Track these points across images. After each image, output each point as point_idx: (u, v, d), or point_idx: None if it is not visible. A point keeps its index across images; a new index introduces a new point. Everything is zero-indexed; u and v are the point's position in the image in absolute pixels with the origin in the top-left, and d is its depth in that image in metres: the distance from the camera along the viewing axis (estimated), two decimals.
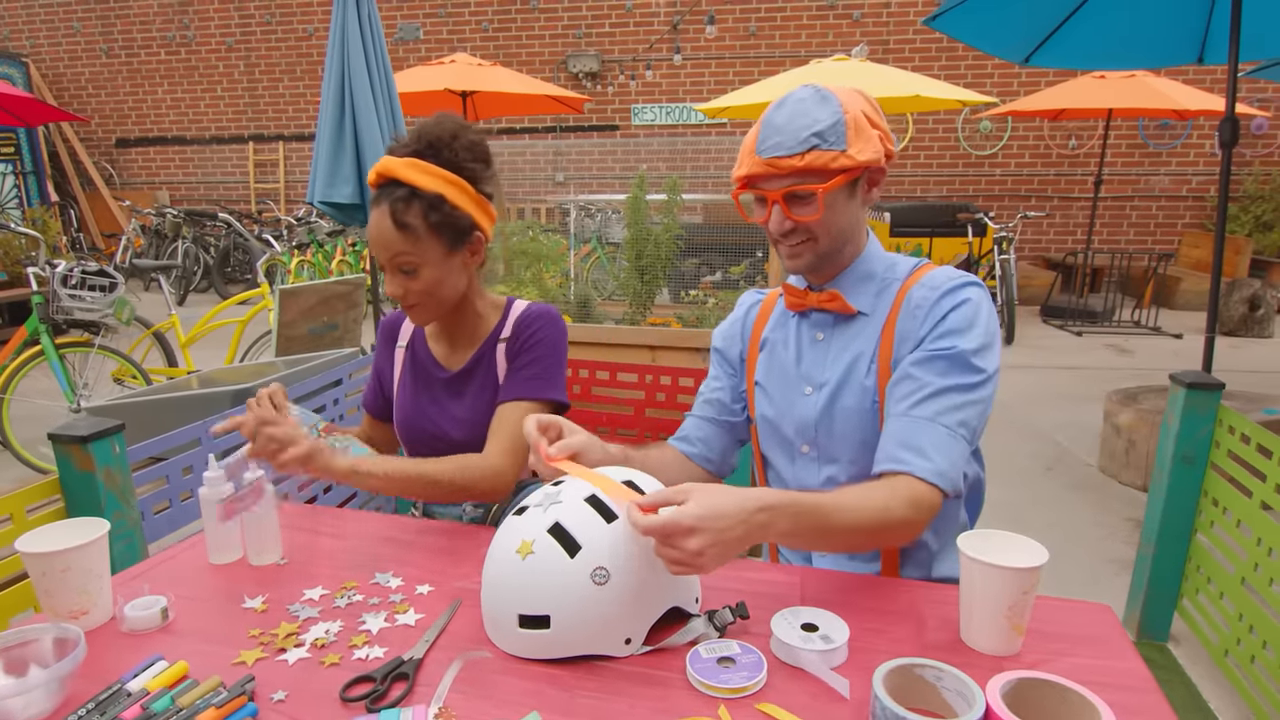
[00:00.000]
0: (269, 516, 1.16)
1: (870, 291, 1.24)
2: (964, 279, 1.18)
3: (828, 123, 1.11)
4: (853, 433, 1.22)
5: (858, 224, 1.22)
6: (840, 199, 1.17)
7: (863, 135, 1.13)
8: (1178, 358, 5.98)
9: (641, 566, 0.92)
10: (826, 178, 1.13)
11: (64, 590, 0.95)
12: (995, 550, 0.90)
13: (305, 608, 1.03)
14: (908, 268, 1.25)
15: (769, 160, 1.14)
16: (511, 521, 0.97)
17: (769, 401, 1.32)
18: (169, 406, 2.66)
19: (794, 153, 1.12)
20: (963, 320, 1.14)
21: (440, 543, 1.23)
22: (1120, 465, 3.70)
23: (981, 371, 1.13)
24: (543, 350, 1.41)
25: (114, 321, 3.96)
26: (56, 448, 1.65)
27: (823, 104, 1.13)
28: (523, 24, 9.60)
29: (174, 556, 1.20)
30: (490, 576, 0.96)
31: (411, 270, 1.31)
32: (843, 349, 1.24)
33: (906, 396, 1.14)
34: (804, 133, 1.11)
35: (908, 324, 1.18)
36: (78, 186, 10.51)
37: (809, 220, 1.16)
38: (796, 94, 1.15)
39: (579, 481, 0.98)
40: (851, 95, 1.17)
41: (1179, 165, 8.76)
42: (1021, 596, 0.88)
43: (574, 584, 0.90)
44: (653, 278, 3.11)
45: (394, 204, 1.27)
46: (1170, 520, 2.00)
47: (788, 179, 1.14)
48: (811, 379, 1.26)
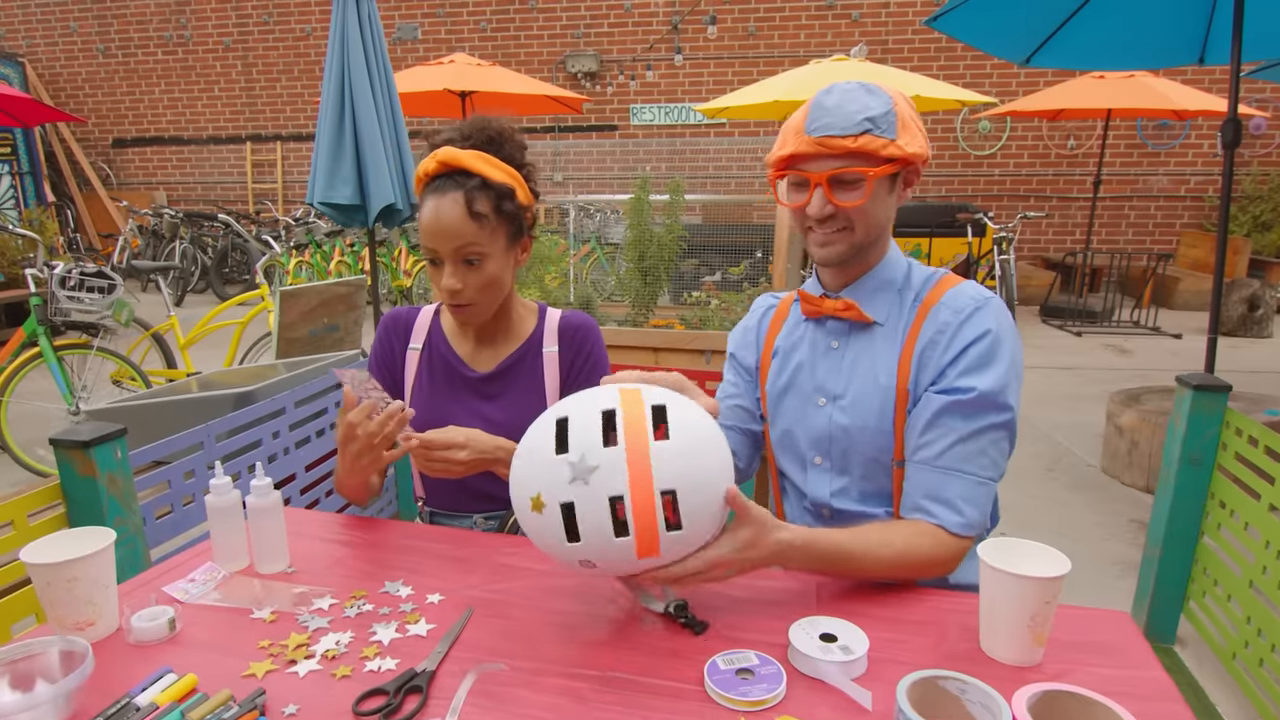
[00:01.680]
0: (275, 522, 1.14)
1: (887, 301, 1.22)
2: (984, 300, 1.16)
3: (880, 110, 1.11)
4: (866, 448, 1.20)
5: (889, 219, 1.20)
6: (883, 190, 1.16)
7: (909, 130, 1.13)
8: (1177, 358, 5.98)
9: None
10: (876, 163, 1.12)
11: (70, 602, 0.94)
12: (1016, 559, 0.89)
13: (315, 618, 1.01)
14: (926, 278, 1.23)
15: (820, 139, 1.12)
16: (546, 451, 0.92)
17: (782, 411, 1.30)
18: (169, 410, 2.64)
19: (848, 133, 1.11)
20: (984, 356, 1.12)
21: (450, 550, 1.22)
22: (1123, 466, 3.70)
23: (1007, 409, 1.12)
24: (603, 363, 1.47)
25: (113, 323, 3.94)
26: (58, 452, 1.63)
27: (873, 94, 1.13)
28: (521, 24, 9.59)
29: (181, 563, 1.18)
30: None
31: (477, 260, 1.29)
32: (857, 360, 1.22)
33: (931, 444, 1.13)
34: (858, 116, 1.10)
35: (930, 351, 1.16)
36: (75, 187, 10.48)
37: (852, 205, 1.14)
38: (843, 85, 1.15)
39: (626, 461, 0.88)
40: (896, 92, 1.16)
41: (1177, 165, 8.78)
42: (1044, 607, 0.87)
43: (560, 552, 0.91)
44: (655, 279, 3.09)
45: (468, 192, 1.26)
46: (1177, 523, 2.00)
47: (838, 160, 1.13)
48: (825, 390, 1.24)
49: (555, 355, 1.44)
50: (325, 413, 2.59)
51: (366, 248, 5.85)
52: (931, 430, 1.13)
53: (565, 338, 1.45)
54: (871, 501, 1.23)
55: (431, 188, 1.29)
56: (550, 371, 1.44)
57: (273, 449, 2.32)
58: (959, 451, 1.11)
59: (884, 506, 1.22)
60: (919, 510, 1.13)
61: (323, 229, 7.60)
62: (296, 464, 2.46)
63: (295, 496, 2.47)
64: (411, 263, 7.74)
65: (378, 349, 1.53)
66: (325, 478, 2.64)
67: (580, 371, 1.45)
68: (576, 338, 1.45)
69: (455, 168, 1.28)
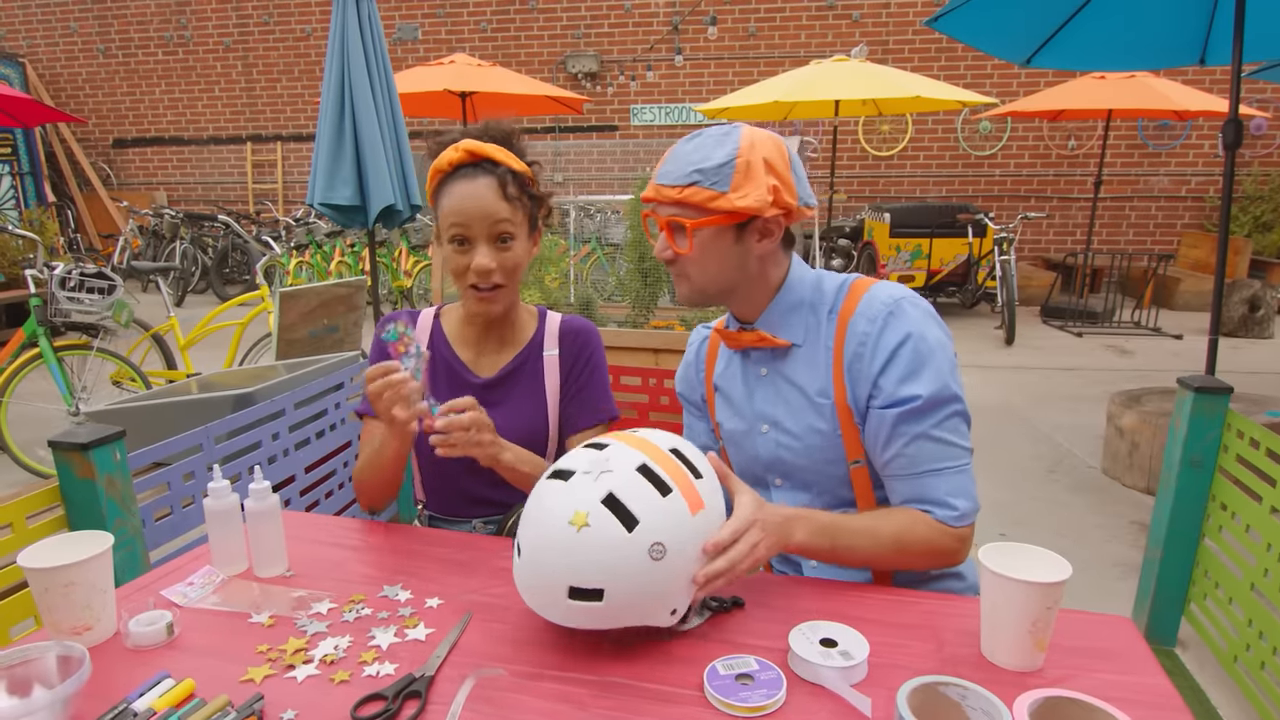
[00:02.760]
0: (274, 526, 1.14)
1: (800, 322, 1.23)
2: (895, 300, 1.16)
3: (715, 162, 1.12)
4: (817, 464, 1.22)
5: (747, 268, 1.19)
6: (716, 241, 1.16)
7: (751, 181, 1.12)
8: (1178, 358, 5.98)
9: (696, 540, 0.93)
10: (700, 215, 1.14)
11: (67, 606, 0.93)
12: (1017, 564, 0.88)
13: (313, 622, 1.01)
14: (836, 288, 1.23)
15: (656, 186, 1.17)
16: (555, 487, 0.94)
17: (734, 443, 1.33)
18: (169, 411, 2.64)
19: (675, 184, 1.14)
20: (913, 361, 1.13)
21: (448, 554, 1.21)
22: (1123, 467, 3.69)
23: (955, 399, 1.14)
24: (602, 369, 1.48)
25: (112, 324, 3.94)
26: (57, 455, 1.63)
27: (720, 144, 1.14)
28: (521, 24, 9.59)
29: (180, 566, 1.18)
30: (536, 544, 0.93)
31: (509, 239, 1.32)
32: (787, 384, 1.24)
33: (897, 456, 1.15)
34: (689, 167, 1.13)
35: (856, 364, 1.17)
36: (75, 187, 10.48)
37: (681, 253, 1.17)
38: (711, 129, 1.17)
39: (625, 448, 0.96)
40: (763, 142, 1.15)
41: (1178, 166, 8.78)
42: (1045, 612, 0.87)
43: (631, 559, 0.89)
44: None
45: (500, 176, 1.30)
46: (1178, 525, 1.99)
47: (669, 208, 1.16)
48: (765, 416, 1.26)
49: (556, 359, 1.45)
50: (325, 414, 2.59)
51: (366, 248, 5.84)
52: (894, 444, 1.15)
53: (566, 341, 1.46)
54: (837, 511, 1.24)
55: (459, 174, 1.31)
56: (550, 375, 1.44)
57: (272, 450, 2.32)
58: (927, 453, 1.13)
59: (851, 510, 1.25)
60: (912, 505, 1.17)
61: (323, 229, 7.60)
62: (296, 465, 2.46)
63: (295, 498, 2.46)
64: (412, 263, 7.74)
65: (377, 353, 1.51)
66: (325, 479, 2.63)
67: (580, 375, 1.45)
68: (577, 342, 1.46)
69: (482, 157, 1.31)
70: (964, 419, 1.16)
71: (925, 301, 1.18)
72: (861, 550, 1.12)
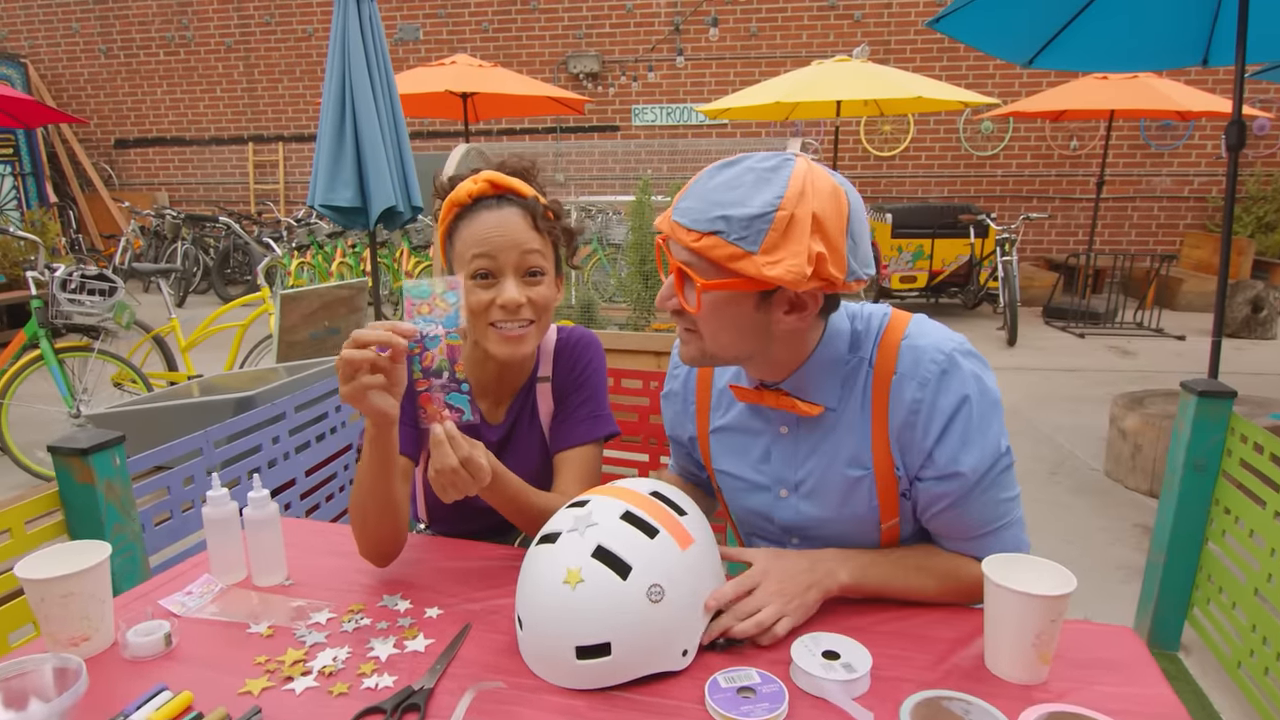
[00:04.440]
0: (273, 534, 1.14)
1: (835, 381, 1.05)
2: (947, 355, 1.00)
3: (748, 212, 0.90)
4: (846, 531, 1.10)
5: (771, 339, 1.00)
6: (732, 307, 0.96)
7: (790, 243, 0.90)
8: (1181, 359, 5.96)
9: (691, 576, 0.92)
10: (716, 273, 0.93)
11: (65, 617, 0.93)
12: (1020, 575, 0.88)
13: (312, 632, 1.00)
14: (874, 335, 1.05)
15: (672, 221, 0.96)
16: (544, 551, 0.93)
17: (741, 496, 1.18)
18: (169, 414, 2.64)
19: (694, 228, 0.92)
20: (969, 427, 1.00)
21: (448, 562, 1.21)
22: (1126, 470, 3.68)
23: (1006, 453, 1.04)
24: (595, 381, 1.35)
25: (114, 326, 3.94)
26: (56, 460, 1.62)
27: (760, 186, 0.91)
28: (523, 24, 9.58)
29: (179, 575, 1.18)
30: (535, 612, 0.91)
31: (538, 274, 1.19)
32: (815, 448, 1.08)
33: (950, 526, 1.06)
34: (715, 210, 0.91)
35: (907, 433, 1.02)
36: (77, 188, 10.49)
37: (688, 311, 0.97)
38: (754, 159, 0.95)
39: (606, 499, 0.95)
40: (819, 191, 0.92)
41: (1180, 166, 8.75)
42: (1049, 625, 0.86)
43: (632, 606, 0.88)
44: (656, 282, 3.09)
45: (529, 205, 1.19)
46: (1181, 529, 1.98)
47: (680, 251, 0.96)
48: (784, 480, 1.11)
49: (549, 385, 1.35)
50: (325, 417, 2.59)
51: (368, 249, 5.84)
52: (946, 514, 1.05)
53: (560, 360, 1.35)
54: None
55: (483, 205, 1.19)
56: (544, 403, 1.35)
57: (272, 454, 2.31)
58: (983, 518, 1.05)
59: None
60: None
61: (324, 230, 7.60)
62: (296, 469, 2.46)
63: (295, 502, 2.46)
64: (413, 264, 7.74)
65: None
66: (326, 482, 2.63)
67: (572, 392, 1.34)
68: (570, 357, 1.35)
69: (506, 189, 1.20)
70: (1011, 467, 1.06)
71: (969, 344, 1.04)
72: (911, 588, 1.06)
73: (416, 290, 0.99)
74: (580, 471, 1.30)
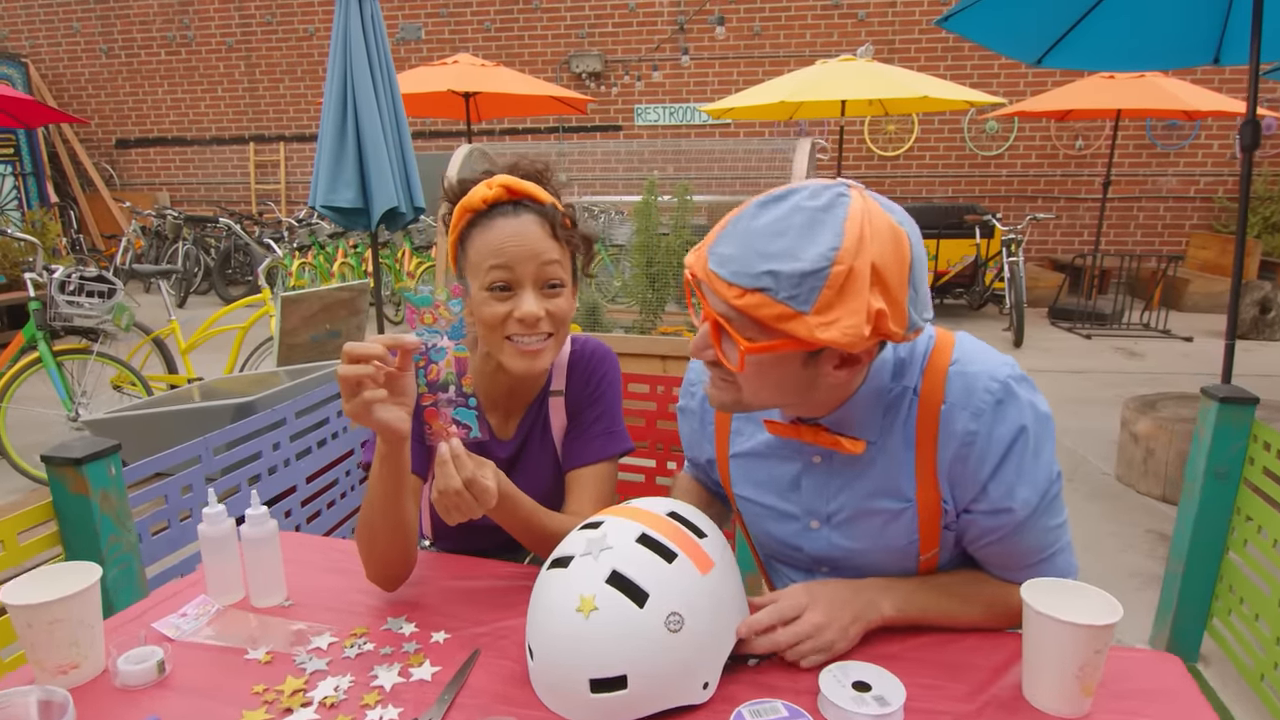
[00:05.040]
0: (272, 553, 1.09)
1: (877, 413, 0.97)
2: (1001, 383, 0.93)
3: (800, 268, 0.79)
4: (882, 562, 1.04)
5: (817, 390, 0.92)
6: (777, 366, 0.88)
7: (847, 300, 0.80)
8: (1189, 360, 5.92)
9: (712, 603, 0.87)
10: (762, 334, 0.84)
11: (52, 644, 0.88)
12: (1062, 602, 0.83)
13: (312, 659, 0.95)
14: (919, 362, 0.96)
15: (709, 271, 0.85)
16: (556, 576, 0.88)
17: (766, 524, 1.11)
18: (169, 420, 2.59)
19: (736, 284, 0.82)
20: (1024, 458, 0.93)
21: (454, 582, 1.15)
22: (1138, 474, 3.63)
23: (1058, 478, 0.98)
24: (610, 396, 1.29)
25: (113, 328, 3.89)
26: (49, 470, 1.58)
27: (815, 231, 0.80)
28: (525, 24, 9.54)
29: (174, 594, 1.13)
30: (547, 642, 0.86)
31: (559, 286, 1.13)
32: (851, 480, 1.01)
33: (999, 556, 1.02)
34: (760, 264, 0.80)
35: (959, 467, 0.94)
36: (78, 188, 10.46)
37: (730, 368, 0.89)
38: (802, 195, 0.83)
39: (621, 520, 0.90)
40: (878, 234, 0.81)
41: (1186, 166, 8.70)
42: (1094, 656, 0.81)
43: (649, 636, 0.82)
44: (663, 284, 3.04)
45: (548, 212, 1.12)
46: (1201, 537, 1.94)
47: (718, 303, 0.86)
48: (816, 511, 1.04)
49: (561, 399, 1.29)
50: (327, 422, 2.54)
51: (369, 249, 5.80)
52: (996, 545, 1.00)
53: (574, 374, 1.29)
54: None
55: (498, 212, 1.12)
56: (556, 418, 1.29)
57: (273, 461, 2.27)
58: (1033, 547, 1.00)
59: None
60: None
61: (325, 230, 7.56)
62: (297, 475, 2.41)
63: (296, 509, 2.41)
64: (415, 264, 7.69)
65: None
66: (327, 489, 2.59)
67: (586, 408, 1.28)
68: (585, 370, 1.29)
69: (522, 194, 1.13)
70: (1062, 489, 1.00)
71: (1018, 366, 0.96)
72: (955, 618, 1.01)
73: (418, 299, 0.94)
74: (594, 491, 1.24)
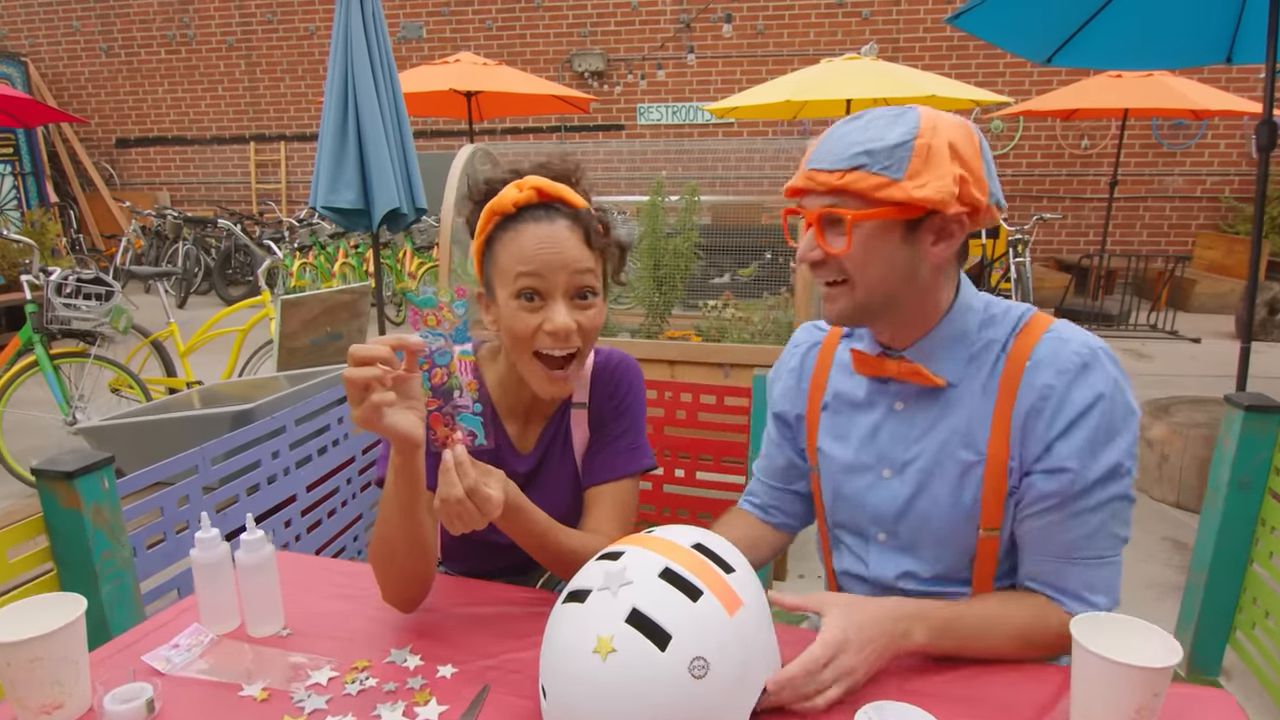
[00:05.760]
0: (269, 579, 1.03)
1: (962, 355, 1.02)
2: (1091, 349, 0.96)
3: (887, 143, 0.93)
4: (941, 528, 1.05)
5: (917, 279, 0.99)
6: (882, 239, 0.96)
7: (934, 167, 0.92)
8: (1197, 363, 5.86)
9: (740, 646, 0.80)
10: (865, 205, 0.95)
11: (34, 683, 0.82)
12: (1116, 641, 0.77)
13: (312, 696, 0.90)
14: (1013, 322, 1.02)
15: (810, 173, 0.98)
16: (572, 612, 0.82)
17: (839, 479, 1.13)
18: (166, 427, 2.53)
19: (835, 168, 0.95)
20: (1100, 428, 0.94)
21: (461, 608, 1.10)
22: (1152, 480, 3.57)
23: (1127, 475, 0.96)
24: (636, 410, 1.24)
25: (110, 331, 3.84)
26: (40, 484, 1.52)
27: (895, 122, 0.95)
28: (527, 22, 9.48)
29: (165, 623, 1.07)
30: (561, 684, 0.80)
31: (592, 296, 1.08)
32: (931, 428, 1.04)
33: (1042, 530, 0.99)
34: (854, 148, 0.94)
35: (1033, 421, 0.97)
36: (77, 187, 10.41)
37: (837, 254, 0.97)
38: (875, 111, 0.98)
39: (642, 551, 0.84)
40: (947, 124, 0.95)
41: (1193, 165, 8.63)
42: (1151, 699, 0.76)
43: (672, 683, 0.76)
44: (671, 287, 2.98)
45: (583, 217, 1.07)
46: (1224, 548, 1.88)
47: (825, 198, 0.97)
48: (891, 459, 1.07)
49: (584, 413, 1.24)
50: (327, 429, 2.49)
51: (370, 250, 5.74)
52: (1044, 516, 0.98)
53: (597, 385, 1.24)
54: (944, 583, 1.08)
55: (528, 216, 1.06)
56: (579, 432, 1.24)
57: (272, 469, 2.22)
58: (1081, 537, 0.97)
59: (960, 588, 1.08)
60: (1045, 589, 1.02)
61: (326, 230, 7.50)
62: (297, 484, 2.36)
63: (296, 518, 2.36)
64: (416, 265, 7.64)
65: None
66: (328, 497, 2.53)
67: (610, 421, 1.23)
68: (610, 382, 1.23)
69: (554, 198, 1.07)
70: (1130, 503, 0.99)
71: (1117, 358, 0.99)
72: (984, 647, 0.97)
73: (421, 300, 0.91)
74: (616, 508, 1.19)
